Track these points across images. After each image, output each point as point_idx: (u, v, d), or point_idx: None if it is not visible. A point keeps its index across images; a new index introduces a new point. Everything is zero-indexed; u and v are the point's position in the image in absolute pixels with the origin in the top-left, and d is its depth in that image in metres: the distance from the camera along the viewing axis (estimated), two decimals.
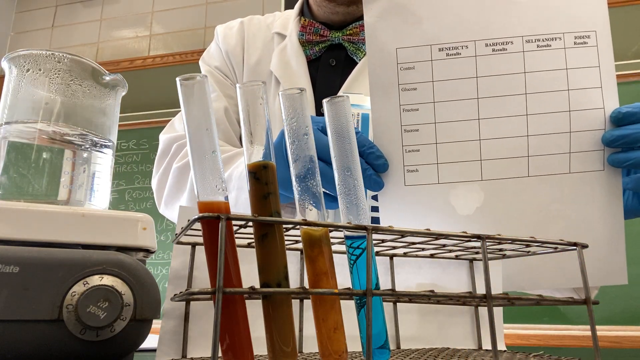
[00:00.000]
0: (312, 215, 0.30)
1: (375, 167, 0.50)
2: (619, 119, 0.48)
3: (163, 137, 0.80)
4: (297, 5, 0.85)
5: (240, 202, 0.64)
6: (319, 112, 0.74)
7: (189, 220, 0.27)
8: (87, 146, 0.44)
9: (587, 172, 0.49)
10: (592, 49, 0.48)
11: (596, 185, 0.48)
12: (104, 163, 0.45)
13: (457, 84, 0.49)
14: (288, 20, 0.84)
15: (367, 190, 0.52)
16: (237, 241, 0.29)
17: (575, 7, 0.49)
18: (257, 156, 0.29)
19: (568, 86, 0.48)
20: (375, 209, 0.53)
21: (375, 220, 0.53)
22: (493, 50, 0.49)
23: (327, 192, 0.49)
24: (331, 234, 0.33)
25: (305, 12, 0.83)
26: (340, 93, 0.74)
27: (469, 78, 0.49)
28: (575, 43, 0.48)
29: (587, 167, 0.49)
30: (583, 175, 0.49)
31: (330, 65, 0.79)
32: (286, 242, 0.36)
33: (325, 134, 0.49)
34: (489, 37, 0.49)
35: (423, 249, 0.43)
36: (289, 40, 0.81)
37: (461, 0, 0.50)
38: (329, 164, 0.47)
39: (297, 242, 0.40)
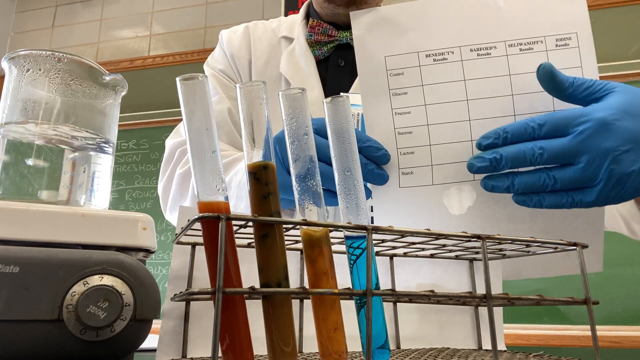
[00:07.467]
0: (312, 215, 0.30)
1: (376, 159, 0.49)
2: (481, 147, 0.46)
3: (168, 143, 0.80)
4: (303, 9, 0.86)
5: (239, 211, 0.64)
6: None
7: (189, 220, 0.27)
8: (87, 146, 0.44)
9: None
10: (574, 50, 0.49)
11: None
12: (104, 163, 0.45)
13: (446, 87, 0.50)
14: (294, 24, 0.84)
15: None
16: (237, 241, 0.29)
17: (555, 10, 0.50)
18: (258, 157, 0.29)
19: None
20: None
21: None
22: (478, 54, 0.50)
23: (327, 189, 0.49)
24: (331, 234, 0.33)
25: (312, 13, 0.83)
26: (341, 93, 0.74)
27: (457, 81, 0.50)
28: (557, 45, 0.49)
29: None
30: None
31: (339, 65, 0.79)
32: (286, 242, 0.36)
33: (321, 135, 0.49)
34: (473, 43, 0.50)
35: (423, 249, 0.43)
36: (296, 43, 0.81)
37: (444, 10, 0.51)
38: (327, 163, 0.47)
39: (297, 242, 0.40)
